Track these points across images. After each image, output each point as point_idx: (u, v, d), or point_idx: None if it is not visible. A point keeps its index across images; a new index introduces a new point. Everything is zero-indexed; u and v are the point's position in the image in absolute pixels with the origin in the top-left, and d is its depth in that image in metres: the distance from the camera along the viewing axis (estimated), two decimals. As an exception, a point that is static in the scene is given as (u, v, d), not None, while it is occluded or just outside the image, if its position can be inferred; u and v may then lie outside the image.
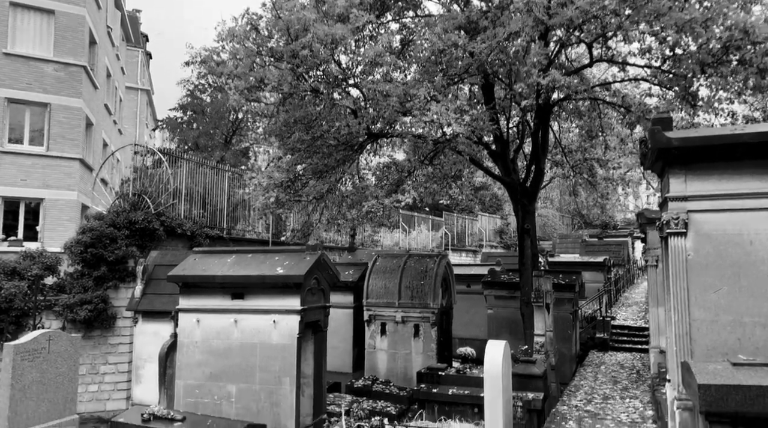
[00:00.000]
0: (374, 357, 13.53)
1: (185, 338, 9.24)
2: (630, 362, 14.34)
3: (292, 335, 8.69)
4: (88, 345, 13.77)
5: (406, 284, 13.68)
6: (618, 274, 24.20)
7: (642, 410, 9.02)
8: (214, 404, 8.98)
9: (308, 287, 8.96)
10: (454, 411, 9.76)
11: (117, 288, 13.85)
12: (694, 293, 5.26)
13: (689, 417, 5.27)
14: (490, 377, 7.03)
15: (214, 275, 9.11)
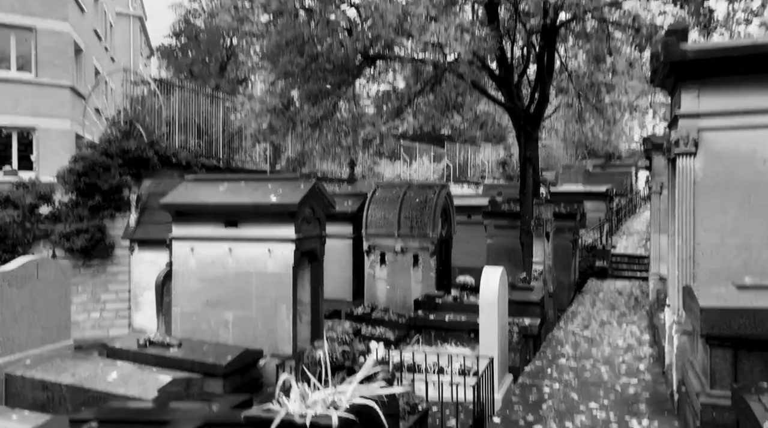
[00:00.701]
0: (374, 286, 13.55)
1: (180, 266, 9.13)
2: (628, 289, 14.38)
3: (288, 264, 8.56)
4: (88, 274, 13.83)
5: (406, 214, 13.50)
6: (620, 204, 24.00)
7: (639, 335, 9.03)
8: (211, 330, 8.98)
9: (303, 216, 8.75)
10: (451, 337, 9.80)
11: (113, 218, 13.75)
12: (700, 216, 5.02)
13: (687, 341, 5.17)
14: (486, 302, 6.93)
15: (206, 203, 8.89)
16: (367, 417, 2.93)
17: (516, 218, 14.33)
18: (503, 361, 7.35)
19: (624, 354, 7.71)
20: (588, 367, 6.97)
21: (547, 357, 7.47)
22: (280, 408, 2.82)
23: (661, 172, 10.10)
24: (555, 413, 5.27)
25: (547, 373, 6.71)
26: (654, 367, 7.02)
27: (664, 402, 5.61)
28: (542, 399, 5.70)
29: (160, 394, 6.08)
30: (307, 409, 2.81)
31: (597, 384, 6.22)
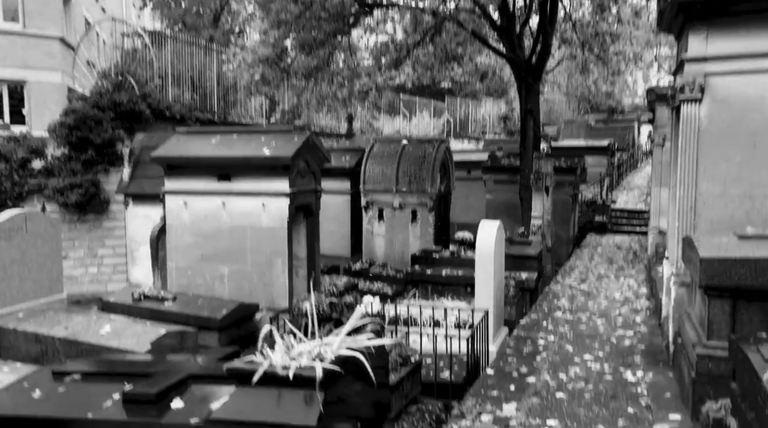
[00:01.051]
0: (372, 242, 13.47)
1: (173, 220, 9.03)
2: (627, 243, 14.32)
3: (282, 218, 8.44)
4: (84, 229, 13.75)
5: (404, 169, 13.30)
6: (621, 158, 23.74)
7: (636, 288, 8.99)
8: (206, 285, 8.95)
9: (297, 170, 8.58)
10: (448, 291, 9.78)
11: (107, 172, 13.57)
12: (703, 165, 4.86)
13: (685, 292, 5.09)
14: (482, 256, 6.84)
15: (197, 156, 8.71)
16: (353, 368, 2.85)
17: (516, 172, 14.14)
18: (498, 314, 7.31)
19: (621, 306, 7.68)
20: (584, 320, 6.94)
21: (543, 310, 7.44)
22: (263, 360, 2.73)
23: (664, 124, 9.87)
24: (549, 365, 5.23)
25: (542, 326, 6.68)
26: (650, 319, 6.99)
27: (659, 353, 5.58)
28: (537, 351, 5.67)
29: (154, 347, 6.05)
30: (291, 361, 2.72)
31: (592, 337, 6.19)
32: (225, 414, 2.64)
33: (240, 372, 2.70)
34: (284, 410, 2.59)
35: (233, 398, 2.69)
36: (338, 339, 2.98)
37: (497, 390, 4.52)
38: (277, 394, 2.64)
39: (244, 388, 2.67)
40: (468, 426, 3.79)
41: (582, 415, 4.03)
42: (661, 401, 4.31)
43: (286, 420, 2.55)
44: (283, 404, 2.61)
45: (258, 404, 2.63)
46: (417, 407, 4.63)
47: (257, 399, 2.64)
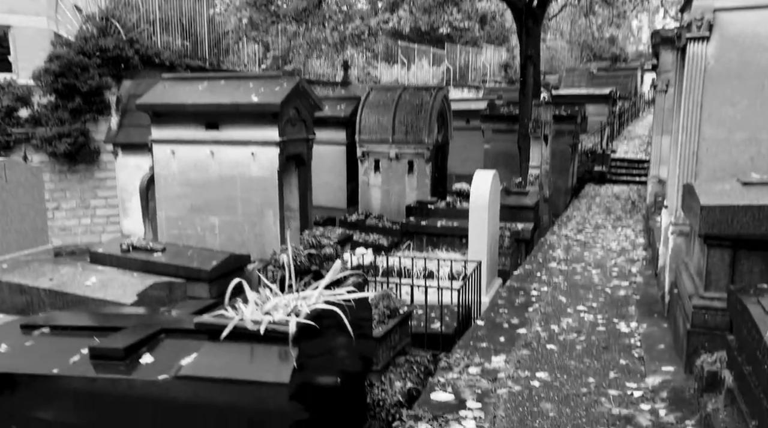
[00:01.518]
0: (368, 193, 13.30)
1: (162, 170, 8.82)
2: (626, 193, 14.14)
3: (273, 168, 8.23)
4: (75, 180, 13.55)
5: (401, 119, 12.99)
6: (623, 107, 23.27)
7: (633, 238, 8.86)
8: (198, 235, 8.82)
9: (287, 118, 8.30)
10: (442, 242, 9.67)
11: (96, 121, 13.26)
12: (708, 108, 4.61)
13: (683, 242, 4.93)
14: (476, 206, 6.67)
15: (184, 103, 8.41)
16: (330, 323, 2.70)
17: (515, 121, 13.81)
18: (492, 265, 7.20)
19: (617, 257, 7.55)
20: (579, 270, 6.82)
21: (537, 261, 7.32)
22: (235, 314, 2.58)
23: (668, 69, 9.51)
24: (541, 316, 5.13)
25: (536, 276, 6.56)
26: (646, 270, 6.88)
27: (654, 304, 5.47)
28: (529, 302, 5.56)
29: (140, 298, 5.95)
30: (264, 316, 2.57)
31: (587, 287, 6.08)
32: (194, 371, 2.51)
33: (209, 326, 2.55)
34: (256, 367, 2.45)
35: (203, 354, 2.55)
36: (316, 293, 2.83)
37: (487, 341, 4.42)
38: (249, 350, 2.50)
39: (215, 344, 2.53)
40: (455, 378, 3.69)
41: (572, 367, 3.94)
42: (654, 352, 4.22)
43: (257, 377, 2.41)
44: (256, 360, 2.48)
45: (229, 360, 2.49)
46: (406, 358, 4.54)
47: (228, 355, 2.51)
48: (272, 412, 2.39)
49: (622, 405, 3.33)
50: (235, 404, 2.44)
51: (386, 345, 4.25)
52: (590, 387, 3.60)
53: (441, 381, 3.65)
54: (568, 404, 3.35)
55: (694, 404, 3.29)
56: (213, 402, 2.47)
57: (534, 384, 3.62)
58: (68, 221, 13.62)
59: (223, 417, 2.46)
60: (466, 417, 3.15)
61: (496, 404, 3.32)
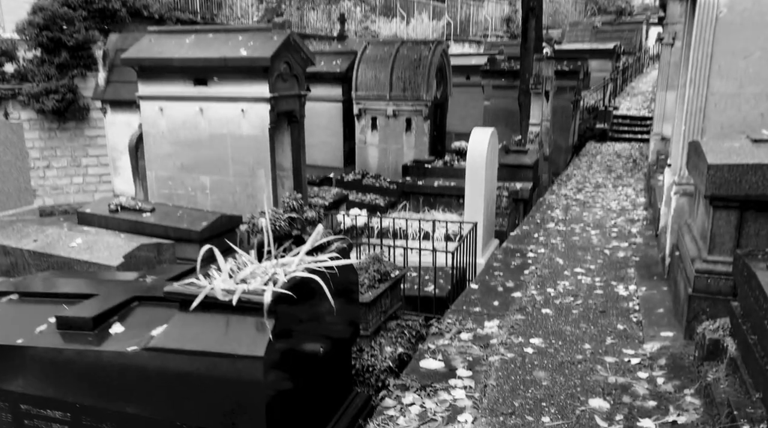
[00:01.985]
0: (365, 152, 13.04)
1: (150, 128, 8.56)
2: (627, 151, 13.87)
3: (263, 125, 7.97)
4: (65, 137, 13.25)
5: (398, 74, 12.61)
6: (627, 62, 22.70)
7: (634, 198, 8.67)
8: (188, 195, 8.63)
9: (277, 72, 7.99)
10: (439, 202, 9.49)
11: (84, 77, 12.88)
12: (718, 61, 4.34)
13: (686, 202, 4.74)
14: (473, 166, 6.45)
15: (171, 57, 8.08)
16: (310, 291, 2.54)
17: (516, 77, 13.42)
18: (489, 226, 7.04)
19: (617, 217, 7.38)
20: (577, 231, 6.65)
21: (535, 222, 7.14)
22: (207, 283, 2.41)
23: (675, 20, 9.13)
24: (537, 279, 4.98)
25: (533, 238, 6.40)
26: (647, 230, 6.71)
27: (654, 266, 5.32)
28: (525, 264, 5.41)
29: (127, 260, 5.82)
30: (238, 285, 2.40)
31: (585, 249, 5.92)
32: (164, 342, 2.36)
33: (179, 296, 2.39)
34: (230, 339, 2.30)
35: (173, 324, 2.39)
36: (296, 259, 2.66)
37: (480, 306, 4.28)
38: (223, 321, 2.34)
39: (187, 314, 2.37)
40: (446, 345, 3.56)
41: (568, 333, 3.80)
42: (653, 317, 4.08)
43: (231, 350, 2.27)
44: (229, 332, 2.32)
45: (200, 332, 2.34)
46: (397, 323, 4.42)
47: (200, 326, 2.35)
48: (248, 385, 2.25)
49: (619, 373, 3.21)
50: (209, 376, 2.30)
51: (376, 309, 4.12)
52: (586, 353, 3.47)
53: (431, 347, 3.52)
54: (562, 372, 3.22)
55: (693, 372, 3.16)
56: (185, 375, 2.33)
57: (527, 350, 3.49)
58: (60, 180, 13.39)
59: (196, 390, 2.33)
60: (456, 387, 3.03)
61: (487, 372, 3.19)
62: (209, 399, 2.32)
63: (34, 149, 13.04)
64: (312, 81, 13.42)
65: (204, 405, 2.34)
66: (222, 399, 2.30)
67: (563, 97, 13.53)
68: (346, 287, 3.01)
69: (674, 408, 2.81)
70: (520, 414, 2.78)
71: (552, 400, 2.91)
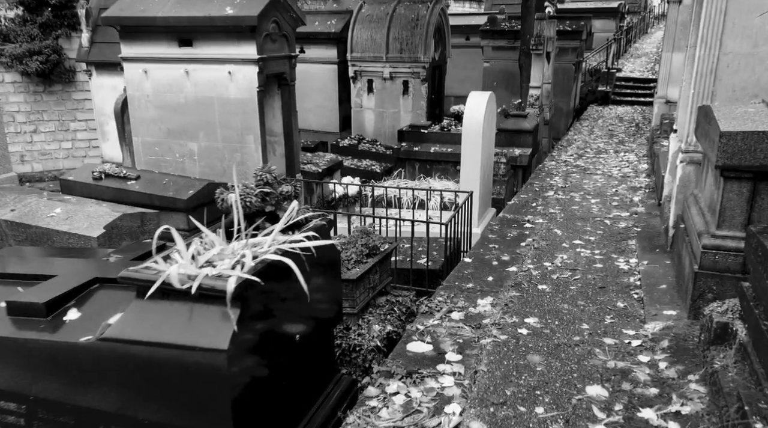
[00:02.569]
0: (361, 116, 12.71)
1: (135, 91, 8.24)
2: (630, 115, 13.51)
3: (251, 88, 7.66)
4: (51, 101, 12.89)
5: (395, 35, 12.17)
6: (632, 22, 22.05)
7: (636, 163, 8.40)
8: (176, 162, 8.37)
9: (266, 32, 7.63)
10: (436, 169, 9.22)
11: (69, 37, 12.43)
12: (732, 17, 4.03)
13: (693, 171, 4.49)
14: (469, 132, 6.16)
15: (154, 16, 7.70)
16: (283, 274, 2.31)
17: (517, 38, 12.96)
18: (485, 194, 6.80)
19: (618, 184, 7.13)
20: (577, 199, 6.41)
21: (534, 190, 6.89)
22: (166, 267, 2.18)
23: (685, -25, 8.67)
24: (534, 251, 4.77)
25: (531, 207, 6.16)
26: (649, 198, 6.47)
27: (656, 237, 5.10)
28: (522, 235, 5.18)
29: (108, 231, 5.59)
30: (201, 269, 2.17)
31: (585, 219, 5.69)
32: (120, 333, 2.14)
33: (135, 282, 2.16)
34: (191, 329, 2.08)
35: (131, 313, 2.17)
36: (269, 239, 2.42)
37: (473, 282, 4.06)
38: (185, 309, 2.11)
39: (147, 302, 2.15)
40: (435, 325, 3.35)
41: (565, 311, 3.60)
42: (655, 293, 3.87)
43: (191, 342, 2.05)
44: (193, 322, 2.10)
45: (160, 321, 2.12)
46: (386, 299, 4.21)
47: (161, 315, 2.13)
48: (211, 379, 2.05)
49: (618, 357, 3.01)
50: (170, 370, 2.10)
51: (364, 286, 3.90)
52: (584, 335, 3.28)
53: (419, 328, 3.32)
54: (558, 356, 3.03)
55: (698, 356, 2.97)
56: (144, 367, 2.13)
57: (522, 331, 3.29)
58: (48, 145, 13.08)
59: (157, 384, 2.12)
60: (444, 373, 2.83)
61: (478, 356, 3.00)
62: (171, 393, 2.12)
63: (20, 113, 12.68)
64: (306, 42, 13.00)
65: (166, 399, 2.14)
66: (185, 393, 2.10)
67: (565, 58, 13.11)
68: (326, 266, 2.78)
69: (677, 397, 2.62)
70: (512, 404, 2.59)
71: (547, 388, 2.72)
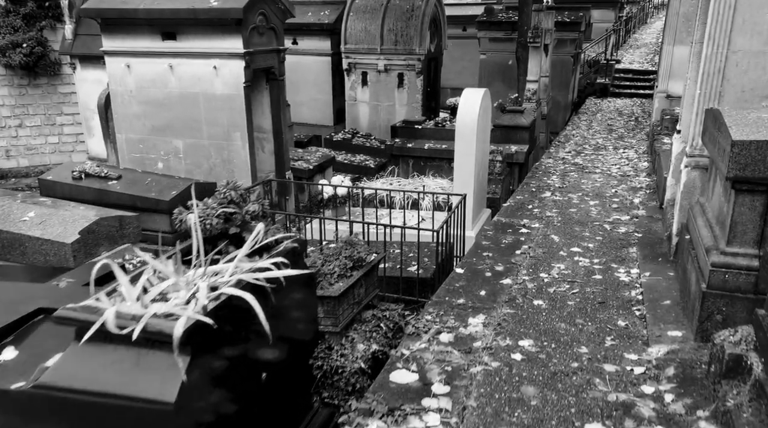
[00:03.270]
0: (355, 110, 12.42)
1: (117, 86, 7.94)
2: (629, 108, 13.22)
3: (238, 83, 7.37)
4: (37, 95, 12.58)
5: (390, 26, 11.87)
6: (631, 12, 21.70)
7: (636, 161, 8.14)
8: (161, 160, 8.09)
9: (252, 25, 7.33)
10: (430, 167, 8.95)
11: (54, 29, 12.10)
12: (742, 13, 3.76)
13: (699, 177, 4.23)
14: (463, 131, 5.89)
15: (135, 8, 7.39)
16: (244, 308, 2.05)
17: (514, 29, 12.64)
18: (480, 195, 6.53)
19: (618, 184, 6.87)
20: (575, 201, 6.15)
21: (530, 190, 6.63)
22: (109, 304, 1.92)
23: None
24: (530, 260, 4.51)
25: (527, 209, 5.90)
26: (650, 200, 6.22)
27: (658, 244, 4.85)
28: (517, 242, 4.93)
29: (83, 236, 5.33)
30: (149, 306, 1.91)
31: (583, 223, 5.43)
32: (55, 380, 1.88)
33: (73, 322, 1.90)
34: (136, 378, 1.82)
35: (68, 357, 1.91)
36: (230, 267, 2.16)
37: (464, 296, 3.81)
38: (132, 355, 1.86)
39: (87, 345, 1.89)
40: (422, 350, 3.10)
41: (562, 331, 3.35)
42: (659, 310, 3.63)
43: (135, 393, 1.79)
44: (139, 369, 1.84)
45: (101, 367, 1.86)
46: (373, 313, 3.96)
47: (102, 360, 1.87)
48: (160, 433, 1.80)
49: (620, 388, 2.77)
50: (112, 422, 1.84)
51: (348, 302, 3.65)
52: (582, 360, 3.03)
53: (405, 354, 3.07)
54: (554, 387, 2.78)
55: (707, 387, 2.73)
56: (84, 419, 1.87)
57: (515, 357, 3.04)
58: (34, 140, 12.78)
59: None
60: (429, 409, 2.58)
61: (467, 388, 2.75)
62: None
63: (5, 107, 12.36)
64: (299, 33, 12.67)
65: (111, 454, 1.88)
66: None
67: (563, 50, 12.80)
68: (299, 290, 2.53)
69: (685, 436, 2.38)
70: (504, 446, 2.35)
71: (542, 426, 2.48)
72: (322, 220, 5.04)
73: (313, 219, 5.61)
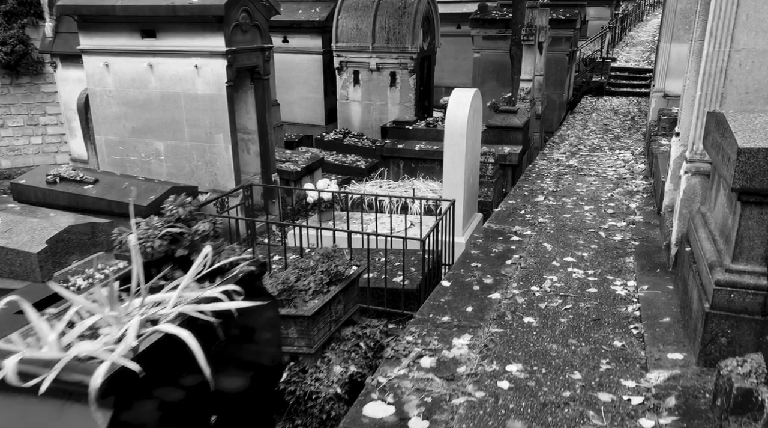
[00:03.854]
0: (347, 109, 12.17)
1: (95, 86, 7.67)
2: (625, 107, 12.99)
3: (220, 83, 7.12)
4: (19, 94, 12.26)
5: (382, 24, 11.62)
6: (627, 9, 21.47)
7: (632, 163, 7.90)
8: (142, 162, 7.81)
9: (235, 23, 7.07)
10: (420, 169, 8.69)
11: (36, 27, 11.79)
12: (746, 9, 3.52)
13: (700, 183, 3.98)
14: (452, 134, 5.63)
15: (113, 5, 7.12)
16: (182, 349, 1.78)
17: (509, 26, 12.39)
18: (471, 200, 6.28)
19: (614, 188, 6.62)
20: (569, 206, 5.90)
21: (523, 194, 6.38)
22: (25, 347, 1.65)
23: (686, -38, 8.12)
24: (521, 272, 4.26)
25: (519, 215, 5.65)
26: (647, 205, 5.97)
27: (656, 253, 4.61)
28: (508, 252, 4.67)
29: (51, 245, 5.05)
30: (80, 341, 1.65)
31: (577, 230, 5.18)
32: (-40, 436, 1.62)
33: (-21, 369, 1.63)
34: (51, 433, 1.56)
35: (-24, 408, 1.65)
36: (173, 296, 1.90)
37: (449, 314, 3.55)
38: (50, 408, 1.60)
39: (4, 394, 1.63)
40: (400, 377, 2.84)
41: (554, 354, 3.10)
42: (658, 329, 3.38)
43: (48, 454, 1.53)
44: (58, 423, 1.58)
45: (12, 422, 1.60)
46: (353, 331, 3.71)
47: (13, 413, 1.61)
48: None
49: (616, 421, 2.51)
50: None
51: (324, 320, 3.39)
52: (575, 388, 2.78)
53: (381, 382, 2.80)
54: (544, 421, 2.52)
55: (712, 421, 2.47)
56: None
57: (502, 386, 2.79)
58: (16, 141, 12.46)
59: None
60: (405, 450, 2.33)
61: (448, 424, 2.49)
62: None
63: (-19, 106, 12.06)
64: (289, 31, 12.40)
65: None
66: None
67: (558, 48, 12.56)
68: (257, 318, 2.27)
69: (689, 481, 2.13)
70: (486, 495, 2.10)
71: (529, 469, 2.23)
72: (303, 228, 4.77)
73: (294, 227, 5.34)
